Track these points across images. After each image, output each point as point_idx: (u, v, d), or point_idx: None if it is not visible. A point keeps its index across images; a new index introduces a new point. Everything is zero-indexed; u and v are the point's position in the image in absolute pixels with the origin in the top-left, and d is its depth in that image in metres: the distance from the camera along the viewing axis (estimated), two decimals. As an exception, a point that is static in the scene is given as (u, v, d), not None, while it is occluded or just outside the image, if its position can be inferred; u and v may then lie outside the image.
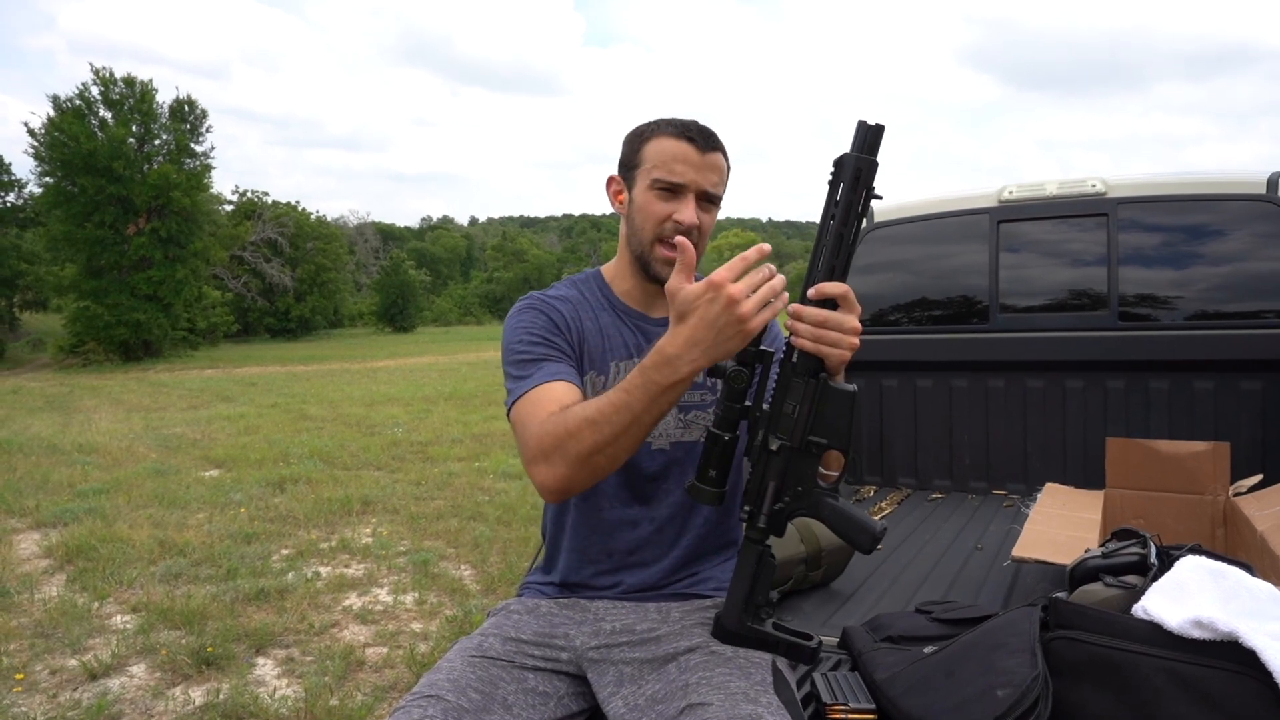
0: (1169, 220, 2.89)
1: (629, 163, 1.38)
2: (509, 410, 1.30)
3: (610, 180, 1.42)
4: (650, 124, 1.37)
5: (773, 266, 1.10)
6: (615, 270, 1.46)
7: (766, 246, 1.11)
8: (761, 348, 1.18)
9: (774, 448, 1.18)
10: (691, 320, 1.08)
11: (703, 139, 1.33)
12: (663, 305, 1.37)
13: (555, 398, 1.24)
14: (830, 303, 1.14)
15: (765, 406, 1.20)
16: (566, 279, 1.49)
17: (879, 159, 1.14)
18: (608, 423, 1.13)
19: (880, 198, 1.18)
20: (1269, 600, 1.20)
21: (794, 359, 1.17)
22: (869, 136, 1.14)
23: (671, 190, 1.32)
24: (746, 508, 1.23)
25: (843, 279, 1.15)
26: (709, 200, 1.34)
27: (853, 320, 1.15)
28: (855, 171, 1.13)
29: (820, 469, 1.20)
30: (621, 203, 1.39)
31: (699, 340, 1.08)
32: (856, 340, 1.15)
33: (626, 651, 1.31)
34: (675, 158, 1.32)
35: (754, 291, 1.08)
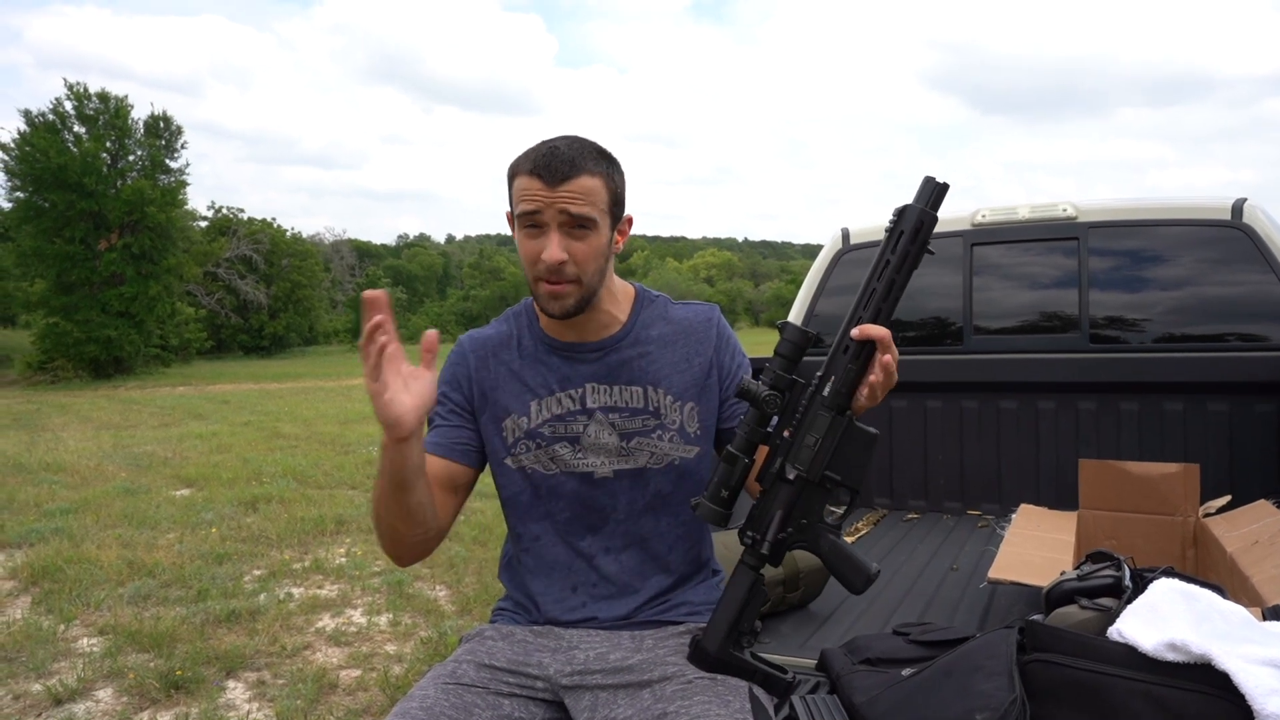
0: (1138, 245, 2.95)
1: (510, 201, 1.32)
2: None
3: (508, 218, 1.35)
4: (516, 159, 1.29)
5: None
6: None
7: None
8: (792, 377, 1.19)
9: (790, 476, 1.19)
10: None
11: (550, 173, 1.23)
12: (590, 330, 1.38)
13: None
14: (870, 345, 1.15)
15: (785, 434, 1.21)
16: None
17: (938, 214, 1.18)
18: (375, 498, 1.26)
19: (933, 253, 1.21)
20: (1241, 623, 1.21)
21: (824, 392, 1.18)
22: (934, 192, 1.18)
23: (535, 226, 1.26)
24: (750, 534, 1.22)
25: (886, 324, 1.17)
26: (577, 225, 1.25)
27: (893, 365, 1.17)
28: (917, 224, 1.16)
29: (827, 505, 1.21)
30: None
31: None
32: (894, 381, 1.18)
33: (601, 679, 1.31)
34: (527, 194, 1.25)
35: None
